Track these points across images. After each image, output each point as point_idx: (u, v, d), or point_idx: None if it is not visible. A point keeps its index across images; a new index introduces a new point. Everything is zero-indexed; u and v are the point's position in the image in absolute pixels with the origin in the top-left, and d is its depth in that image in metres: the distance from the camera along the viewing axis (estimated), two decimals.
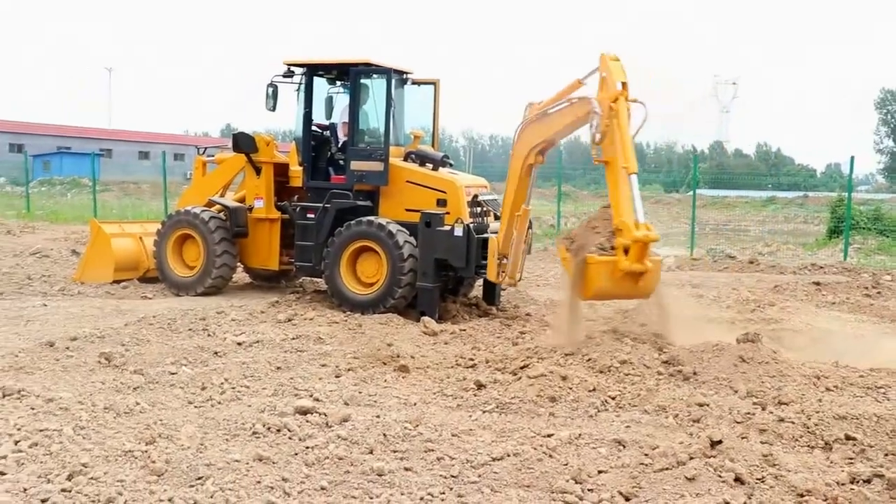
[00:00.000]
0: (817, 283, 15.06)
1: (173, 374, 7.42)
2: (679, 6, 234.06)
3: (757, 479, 5.02)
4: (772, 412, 6.35)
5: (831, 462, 5.43)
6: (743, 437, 5.84)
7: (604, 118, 8.50)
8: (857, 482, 5.00)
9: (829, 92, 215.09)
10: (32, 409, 5.99)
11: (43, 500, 4.50)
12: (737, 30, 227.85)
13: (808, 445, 5.81)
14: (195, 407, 6.47)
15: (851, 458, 5.49)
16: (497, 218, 11.89)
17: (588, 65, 9.03)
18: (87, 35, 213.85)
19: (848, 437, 5.77)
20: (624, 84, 8.55)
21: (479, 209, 11.42)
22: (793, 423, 6.06)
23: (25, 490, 4.60)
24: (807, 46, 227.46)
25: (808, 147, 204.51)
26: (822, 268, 17.93)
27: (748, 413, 6.41)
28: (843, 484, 4.98)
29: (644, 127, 8.74)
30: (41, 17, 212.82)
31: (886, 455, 5.56)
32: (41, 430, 5.45)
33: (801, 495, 4.82)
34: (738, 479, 4.96)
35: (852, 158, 20.90)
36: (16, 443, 5.24)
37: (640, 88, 8.63)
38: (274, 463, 5.14)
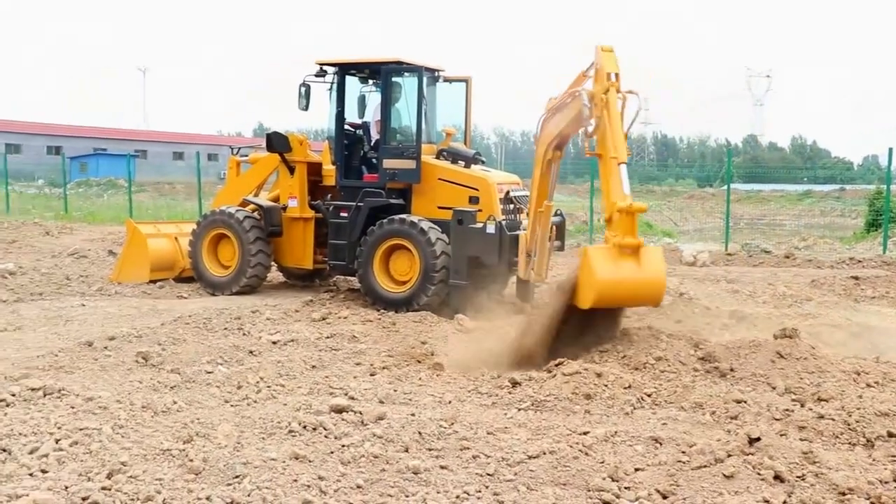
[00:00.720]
0: (856, 278, 14.85)
1: (209, 373, 7.47)
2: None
3: (797, 476, 4.94)
4: (811, 409, 6.26)
5: (873, 460, 5.34)
6: (782, 435, 5.77)
7: (595, 110, 8.32)
8: None
9: (865, 82, 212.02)
10: (72, 408, 6.05)
11: (84, 499, 4.54)
12: (770, 21, 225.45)
13: (850, 443, 5.72)
14: (231, 406, 6.51)
15: (894, 456, 5.39)
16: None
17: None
18: (121, 37, 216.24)
19: (890, 434, 5.67)
20: (617, 75, 8.32)
21: (511, 206, 11.40)
22: (833, 419, 5.97)
23: (66, 488, 4.65)
24: (842, 37, 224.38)
25: (845, 139, 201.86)
26: (860, 262, 17.69)
27: (787, 410, 6.33)
28: (886, 482, 4.89)
29: (637, 118, 8.55)
30: (75, 20, 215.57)
31: None
32: (81, 429, 5.50)
33: (843, 493, 4.74)
34: (777, 477, 4.89)
35: (890, 150, 20.56)
36: (56, 441, 5.30)
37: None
38: (310, 461, 5.16)
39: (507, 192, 11.45)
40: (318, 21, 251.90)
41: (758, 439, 5.39)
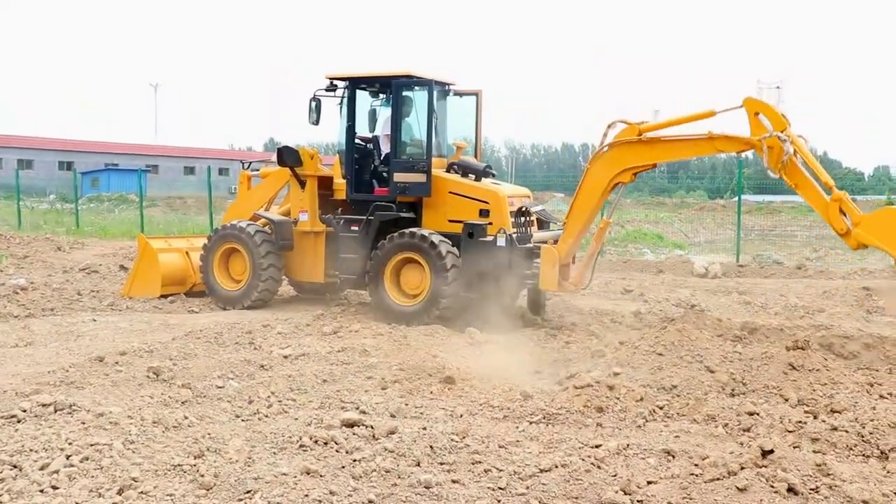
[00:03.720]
0: (867, 289, 14.77)
1: (220, 387, 7.47)
2: (724, 9, 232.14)
3: (811, 489, 4.91)
4: (824, 420, 6.23)
5: (888, 472, 5.31)
6: (795, 447, 5.74)
7: (781, 152, 8.98)
8: None
9: (876, 93, 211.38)
10: (83, 423, 6.06)
11: None
12: (782, 32, 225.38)
13: (863, 454, 5.69)
14: (242, 420, 6.51)
15: None
16: (541, 227, 11.87)
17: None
18: (133, 52, 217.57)
19: None
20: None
21: (522, 219, 11.39)
22: (846, 431, 5.94)
23: None
24: (853, 47, 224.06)
25: (856, 149, 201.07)
26: (871, 272, 17.61)
27: (800, 422, 6.30)
28: None
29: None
30: (87, 35, 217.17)
31: None
32: (92, 445, 5.50)
33: None
34: (791, 490, 4.86)
35: None
36: (67, 457, 5.30)
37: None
38: (321, 476, 5.15)
39: (522, 207, 11.48)
40: (329, 35, 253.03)
41: (771, 451, 5.36)
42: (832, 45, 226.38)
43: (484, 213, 11.22)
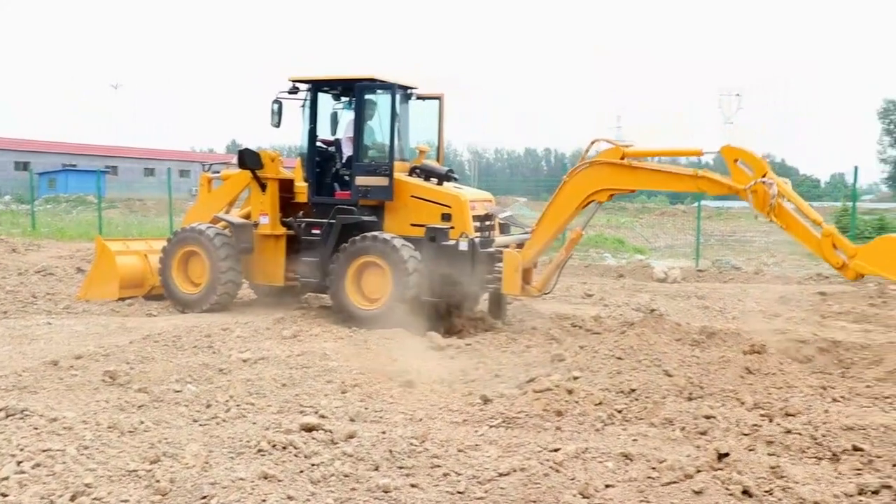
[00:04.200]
0: (823, 293, 15.01)
1: (178, 391, 7.39)
2: (683, 18, 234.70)
3: (765, 491, 4.97)
4: (779, 424, 6.31)
5: (839, 473, 5.39)
6: (750, 450, 5.81)
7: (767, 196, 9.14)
8: (865, 493, 4.96)
9: (832, 102, 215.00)
10: (35, 428, 5.96)
11: None
12: (740, 42, 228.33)
13: (816, 457, 5.77)
14: (200, 425, 6.45)
15: (859, 470, 5.44)
16: (503, 232, 11.91)
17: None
18: (93, 52, 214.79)
19: (855, 448, 5.73)
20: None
21: (487, 223, 11.42)
22: (800, 434, 6.02)
23: None
24: (810, 57, 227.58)
25: (813, 157, 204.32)
26: (827, 277, 17.87)
27: (755, 425, 6.37)
28: (851, 495, 4.94)
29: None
30: (46, 35, 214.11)
31: (894, 466, 5.51)
32: (44, 451, 5.41)
33: None
34: (745, 492, 4.92)
35: (856, 168, 20.97)
36: (18, 463, 5.21)
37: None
38: (279, 481, 5.12)
39: (489, 213, 11.55)
40: (292, 37, 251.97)
41: (727, 455, 5.43)
42: (791, 55, 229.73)
43: (446, 217, 11.24)
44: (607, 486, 5.13)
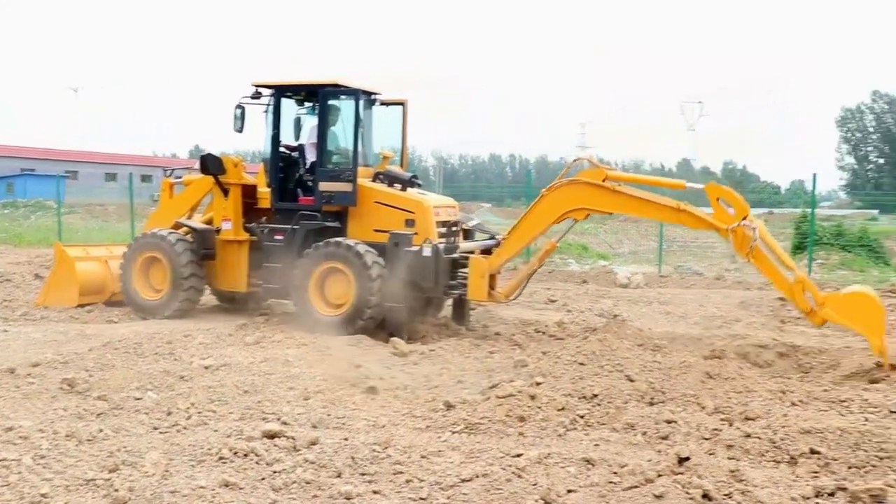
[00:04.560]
0: (782, 299, 15.17)
1: (138, 399, 7.31)
2: (646, 26, 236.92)
3: (724, 494, 5.02)
4: (739, 428, 6.37)
5: (797, 476, 5.46)
6: (710, 454, 5.86)
7: (746, 238, 9.34)
8: (822, 496, 5.03)
9: (792, 110, 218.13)
10: None
11: None
12: (703, 49, 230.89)
13: (775, 460, 5.83)
14: (160, 433, 6.38)
15: (816, 472, 5.52)
16: (467, 238, 11.94)
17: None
18: (52, 54, 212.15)
19: (813, 451, 5.80)
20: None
21: (453, 229, 11.45)
22: (759, 438, 6.09)
23: None
24: (772, 66, 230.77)
25: (773, 164, 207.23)
26: None
27: (715, 429, 6.43)
28: (808, 498, 5.00)
29: None
30: (4, 37, 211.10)
31: (850, 468, 5.60)
32: None
33: None
34: (705, 496, 4.96)
35: (815, 175, 21.21)
36: None
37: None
38: (241, 489, 5.08)
39: (457, 221, 11.59)
40: (255, 42, 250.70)
41: (687, 459, 5.47)
42: (752, 64, 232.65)
43: (410, 223, 11.24)
44: (569, 491, 5.15)
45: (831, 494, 5.04)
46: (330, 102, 11.87)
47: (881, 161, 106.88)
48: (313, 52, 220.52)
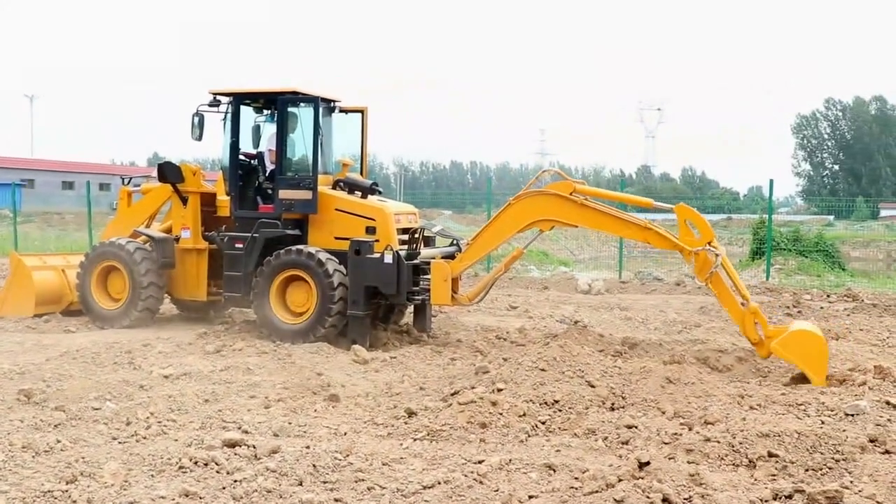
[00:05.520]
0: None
1: (97, 409, 7.22)
2: (604, 31, 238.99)
3: (684, 498, 5.08)
4: (698, 432, 6.44)
5: (755, 479, 5.54)
6: (670, 458, 5.92)
7: (707, 263, 9.41)
8: (780, 498, 5.10)
9: (750, 117, 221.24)
10: None
11: None
12: (661, 55, 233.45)
13: (734, 464, 5.91)
14: (119, 443, 6.31)
15: (774, 475, 5.60)
16: (428, 244, 11.95)
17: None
18: (6, 62, 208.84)
19: (771, 455, 5.88)
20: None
21: (412, 236, 11.45)
22: (718, 442, 6.16)
23: None
24: (729, 70, 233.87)
25: (732, 170, 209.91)
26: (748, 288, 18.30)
27: (675, 434, 6.50)
28: (766, 501, 5.07)
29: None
30: None
31: (807, 470, 5.69)
32: None
33: None
34: (665, 500, 5.01)
35: (771, 182, 21.49)
36: None
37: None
38: (201, 498, 5.04)
39: (420, 228, 11.63)
40: (216, 49, 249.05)
41: (647, 463, 5.53)
42: (713, 70, 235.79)
43: (370, 231, 11.22)
44: (531, 496, 5.18)
45: (789, 497, 5.11)
46: (289, 110, 11.82)
47: (836, 168, 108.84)
48: (270, 60, 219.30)
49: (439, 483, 5.33)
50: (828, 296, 17.41)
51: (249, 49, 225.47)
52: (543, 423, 6.92)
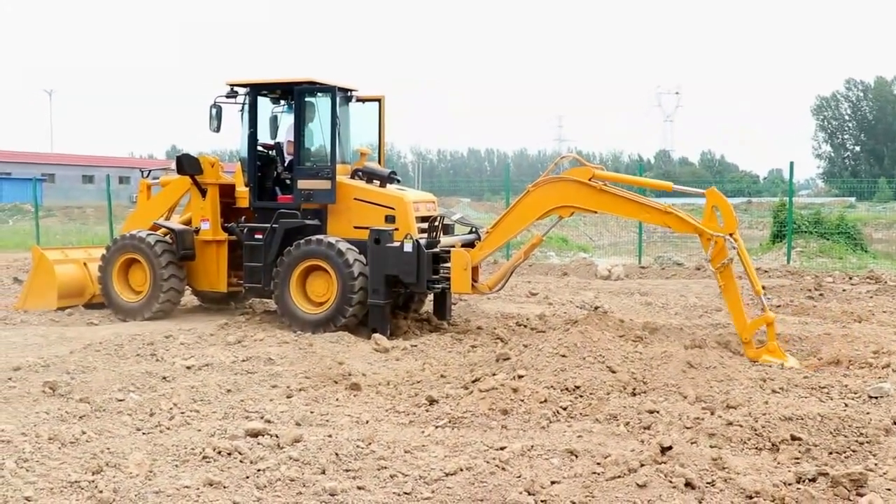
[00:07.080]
0: (762, 287, 15.28)
1: (121, 400, 7.28)
2: (621, 16, 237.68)
3: (707, 482, 5.07)
4: (720, 416, 6.43)
5: (778, 463, 5.52)
6: (692, 442, 5.91)
7: (723, 252, 9.30)
8: (803, 481, 5.08)
9: (771, 99, 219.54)
10: None
11: None
12: (680, 39, 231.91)
13: (756, 447, 5.89)
14: (143, 434, 6.37)
15: (797, 458, 5.58)
16: (447, 233, 11.95)
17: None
18: (26, 57, 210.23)
19: (794, 438, 5.87)
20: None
21: (431, 224, 11.46)
22: (741, 426, 6.14)
23: None
24: (751, 55, 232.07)
25: (752, 153, 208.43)
26: (766, 271, 18.24)
27: (697, 418, 6.49)
28: (789, 484, 5.05)
29: None
30: None
31: (830, 454, 5.67)
32: None
33: (750, 497, 4.88)
34: (688, 484, 5.01)
35: (791, 164, 21.32)
36: None
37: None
38: (225, 487, 5.08)
39: (441, 216, 11.61)
40: (230, 43, 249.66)
41: (669, 448, 5.52)
42: (731, 53, 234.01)
43: (390, 219, 11.22)
44: (553, 482, 5.18)
45: (813, 480, 5.09)
46: (306, 99, 11.84)
47: (857, 149, 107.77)
48: (288, 53, 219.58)
49: (461, 470, 5.35)
50: (850, 278, 17.31)
51: (249, 49, 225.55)
52: (565, 408, 6.92)
